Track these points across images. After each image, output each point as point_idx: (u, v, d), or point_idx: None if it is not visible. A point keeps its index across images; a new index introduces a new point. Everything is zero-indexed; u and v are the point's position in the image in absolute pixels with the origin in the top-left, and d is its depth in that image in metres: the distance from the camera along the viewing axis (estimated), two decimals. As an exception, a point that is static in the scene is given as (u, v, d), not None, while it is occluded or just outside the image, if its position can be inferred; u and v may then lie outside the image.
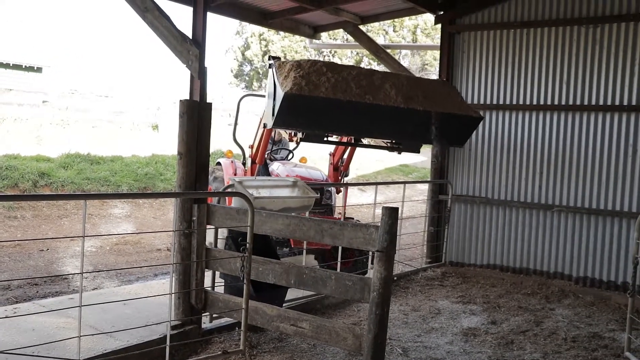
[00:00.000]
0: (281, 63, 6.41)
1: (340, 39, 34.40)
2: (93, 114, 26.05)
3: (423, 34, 37.54)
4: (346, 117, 6.50)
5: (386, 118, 6.64)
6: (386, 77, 6.74)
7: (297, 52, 41.81)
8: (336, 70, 6.36)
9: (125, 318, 6.45)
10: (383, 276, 4.57)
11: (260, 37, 43.59)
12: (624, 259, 8.46)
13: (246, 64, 46.90)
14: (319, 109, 6.21)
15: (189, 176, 5.95)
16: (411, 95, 6.66)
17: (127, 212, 14.74)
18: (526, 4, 9.24)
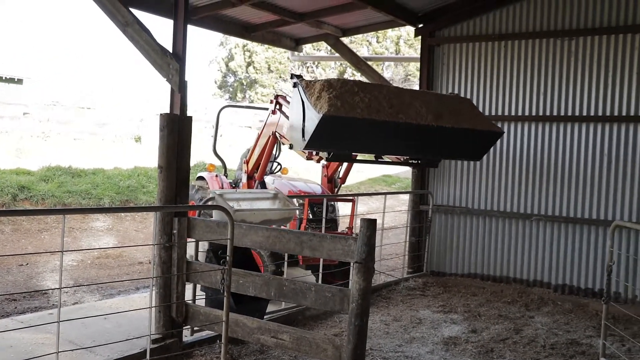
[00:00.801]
0: (308, 82, 6.27)
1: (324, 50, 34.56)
2: (75, 126, 25.91)
3: (406, 44, 37.79)
4: (379, 136, 6.51)
5: (417, 136, 6.70)
6: (415, 95, 6.76)
7: (282, 63, 41.91)
8: (367, 89, 6.32)
9: (105, 332, 6.43)
10: (362, 287, 4.62)
11: (244, 49, 43.62)
12: (600, 266, 8.59)
13: (230, 75, 46.88)
14: (354, 129, 6.18)
15: (170, 190, 5.97)
16: (439, 112, 6.70)
17: (109, 225, 14.66)
18: (503, 17, 9.39)
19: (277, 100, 8.21)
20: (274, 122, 8.13)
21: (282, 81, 41.08)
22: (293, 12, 9.22)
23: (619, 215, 8.55)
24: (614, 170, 8.61)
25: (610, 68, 8.63)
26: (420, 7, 9.84)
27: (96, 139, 25.62)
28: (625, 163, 8.54)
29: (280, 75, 42.14)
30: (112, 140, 26.32)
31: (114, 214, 15.30)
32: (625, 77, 8.53)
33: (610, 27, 8.59)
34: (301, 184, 9.42)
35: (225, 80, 47.33)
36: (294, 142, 6.43)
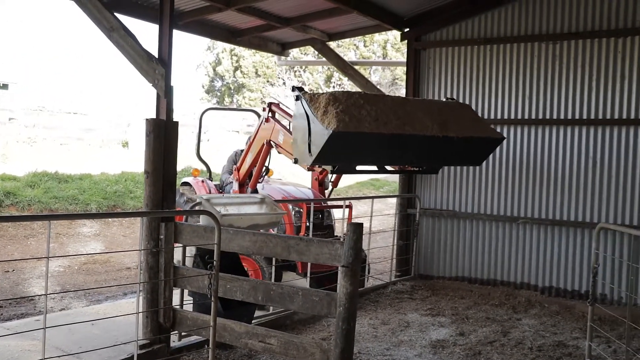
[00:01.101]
0: (312, 96, 6.18)
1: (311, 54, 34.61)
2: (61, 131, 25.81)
3: (393, 48, 37.92)
4: (387, 148, 6.52)
5: (423, 146, 6.73)
6: (418, 105, 6.77)
7: (269, 67, 41.92)
8: (372, 101, 6.29)
9: (92, 338, 6.40)
10: (349, 291, 4.63)
11: (232, 53, 43.59)
12: (586, 268, 8.65)
13: (217, 80, 46.83)
14: (362, 143, 6.17)
15: (156, 195, 5.96)
16: (444, 121, 6.72)
17: (96, 230, 14.60)
18: (488, 21, 9.45)
19: (270, 108, 8.17)
20: (268, 130, 8.07)
21: (269, 85, 41.09)
22: (279, 17, 9.24)
23: (604, 217, 8.62)
24: (599, 173, 8.69)
25: (594, 72, 8.71)
26: (406, 12, 9.88)
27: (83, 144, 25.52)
28: (609, 166, 8.62)
29: (268, 79, 42.15)
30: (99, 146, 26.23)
31: (101, 219, 15.24)
32: (609, 80, 8.61)
33: (594, 31, 8.67)
34: (292, 188, 9.39)
35: (213, 85, 47.28)
36: (300, 157, 6.37)
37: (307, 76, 38.37)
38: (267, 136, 8.06)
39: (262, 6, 8.73)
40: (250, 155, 8.51)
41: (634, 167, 8.46)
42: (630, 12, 8.46)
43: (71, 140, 25.44)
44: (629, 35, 8.46)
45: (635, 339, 6.94)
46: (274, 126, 7.97)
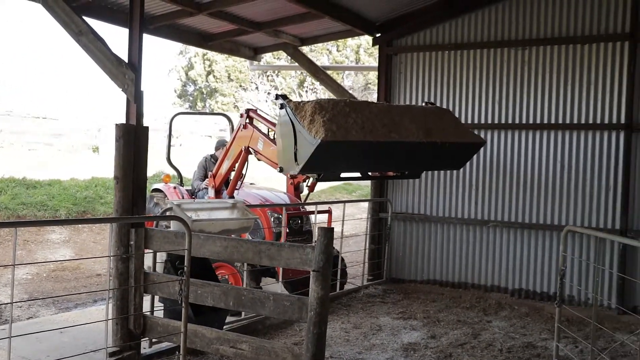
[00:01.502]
0: (297, 104, 6.11)
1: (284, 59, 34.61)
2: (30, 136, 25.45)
3: (366, 53, 38.07)
4: (373, 155, 6.53)
5: (409, 152, 6.76)
6: (403, 112, 6.77)
7: (242, 72, 41.80)
8: (358, 108, 6.27)
9: (61, 347, 6.31)
10: (320, 295, 4.64)
11: (204, 57, 43.38)
12: (554, 270, 8.77)
13: (190, 84, 46.56)
14: (350, 151, 6.18)
15: (126, 200, 5.91)
16: (428, 127, 6.75)
17: (66, 237, 14.40)
18: (459, 27, 9.56)
19: (248, 114, 8.13)
20: (246, 136, 8.01)
21: (242, 90, 40.97)
22: (251, 22, 9.23)
23: (571, 220, 8.76)
24: (567, 177, 8.83)
25: (562, 77, 8.86)
26: (377, 17, 9.95)
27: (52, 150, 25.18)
28: (577, 169, 8.76)
29: (241, 84, 42.03)
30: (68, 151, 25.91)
31: (71, 225, 15.03)
32: (576, 86, 8.77)
33: (561, 37, 8.82)
34: (268, 193, 9.35)
35: (185, 89, 46.98)
36: (285, 166, 6.31)
37: (279, 81, 38.33)
38: (245, 143, 8.00)
39: (234, 11, 8.72)
40: (227, 162, 8.43)
41: (600, 171, 8.62)
42: (595, 20, 8.63)
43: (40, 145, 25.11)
44: (595, 42, 8.63)
45: (601, 339, 7.06)
46: (252, 133, 7.92)
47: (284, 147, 6.16)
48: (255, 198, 8.93)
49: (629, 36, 8.38)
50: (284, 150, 6.19)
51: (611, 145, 8.57)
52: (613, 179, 8.55)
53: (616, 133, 8.53)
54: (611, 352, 6.57)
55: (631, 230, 8.39)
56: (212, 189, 8.74)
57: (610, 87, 8.57)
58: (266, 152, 7.61)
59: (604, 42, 8.59)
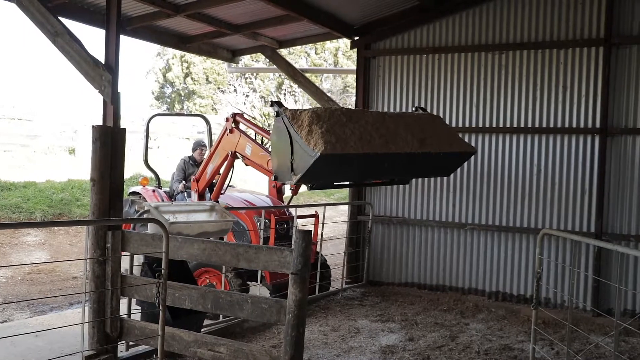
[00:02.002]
0: (293, 113, 5.99)
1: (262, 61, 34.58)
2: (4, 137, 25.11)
3: (344, 56, 38.13)
4: (370, 166, 6.51)
5: (403, 162, 6.74)
6: (397, 121, 6.71)
7: (220, 74, 41.65)
8: (354, 118, 6.20)
9: (36, 350, 6.25)
10: (298, 298, 4.64)
11: (182, 59, 43.16)
12: (531, 273, 8.86)
13: (168, 86, 46.28)
14: (347, 163, 6.13)
15: (103, 203, 5.87)
16: (423, 137, 6.72)
17: (41, 239, 14.23)
18: (437, 31, 9.62)
19: (234, 118, 8.09)
20: (233, 141, 7.96)
21: (220, 92, 40.83)
22: (229, 24, 9.21)
23: (548, 223, 8.85)
24: (543, 180, 8.92)
25: (538, 81, 8.96)
26: (355, 20, 9.98)
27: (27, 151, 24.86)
28: (553, 173, 8.86)
29: (219, 86, 41.88)
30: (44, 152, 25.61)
31: (47, 228, 14.86)
32: (552, 90, 8.87)
33: (538, 42, 8.92)
34: (250, 196, 9.31)
35: (163, 91, 46.69)
36: (280, 175, 6.23)
37: (258, 83, 38.23)
38: (231, 147, 7.94)
39: (212, 13, 8.69)
40: (212, 166, 8.36)
41: (576, 174, 8.72)
42: (571, 25, 8.74)
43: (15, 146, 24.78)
44: (570, 47, 8.74)
45: (576, 340, 7.14)
46: (239, 138, 7.87)
47: (280, 156, 6.05)
48: (237, 201, 8.90)
49: (603, 41, 8.50)
50: (279, 159, 6.08)
51: (586, 149, 8.68)
52: (588, 182, 8.66)
53: (591, 137, 8.64)
54: (586, 354, 6.64)
55: (606, 233, 8.50)
56: (196, 193, 8.67)
57: (586, 91, 8.68)
58: (255, 158, 7.56)
59: (580, 47, 8.70)
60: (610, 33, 8.45)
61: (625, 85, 8.46)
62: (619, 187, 8.52)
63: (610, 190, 8.55)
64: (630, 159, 8.44)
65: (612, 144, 8.53)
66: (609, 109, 8.50)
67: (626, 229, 8.47)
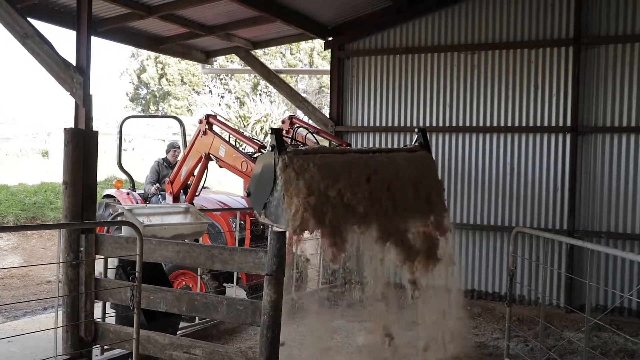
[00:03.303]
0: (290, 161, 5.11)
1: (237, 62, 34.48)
2: (-24, 141, 24.71)
3: (320, 56, 38.15)
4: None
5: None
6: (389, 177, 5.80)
7: (195, 75, 41.41)
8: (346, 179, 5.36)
9: (9, 356, 6.18)
10: (273, 299, 4.64)
11: (157, 60, 42.81)
12: (505, 271, 8.92)
13: (142, 87, 45.90)
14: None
15: (75, 206, 5.81)
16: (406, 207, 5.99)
17: (14, 243, 14.05)
18: (410, 31, 9.68)
19: (207, 120, 8.03)
20: (206, 143, 7.89)
21: (195, 94, 40.62)
22: (202, 25, 9.17)
23: (521, 221, 8.94)
24: (516, 179, 9.01)
25: (509, 81, 9.05)
26: (329, 21, 10.00)
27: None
28: (526, 171, 8.96)
29: (194, 87, 41.66)
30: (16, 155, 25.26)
31: (20, 232, 14.68)
32: (524, 89, 8.96)
33: (509, 42, 9.02)
34: (225, 197, 9.27)
35: (138, 93, 46.30)
36: (253, 201, 5.51)
37: (233, 84, 38.14)
38: (205, 149, 7.87)
39: (185, 14, 8.64)
40: (186, 168, 8.29)
41: (548, 173, 8.83)
42: (541, 25, 8.84)
43: (-14, 150, 24.43)
44: (541, 47, 8.84)
45: (550, 337, 7.23)
46: (213, 140, 7.80)
47: (258, 183, 5.46)
48: (212, 203, 8.87)
49: (573, 41, 8.61)
50: (257, 185, 5.47)
51: (558, 147, 8.79)
52: (560, 180, 8.77)
53: (562, 136, 8.76)
54: (559, 349, 6.73)
55: (578, 231, 8.61)
56: (170, 196, 8.61)
57: (557, 90, 8.79)
58: (229, 159, 7.52)
59: (550, 46, 8.81)
60: (580, 33, 8.57)
61: (595, 85, 8.58)
62: (590, 185, 8.64)
63: (581, 188, 8.66)
64: (601, 157, 8.56)
65: (582, 143, 8.65)
66: (579, 108, 8.62)
67: (597, 225, 8.59)
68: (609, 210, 8.52)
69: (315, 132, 8.21)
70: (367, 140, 9.98)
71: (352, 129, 10.04)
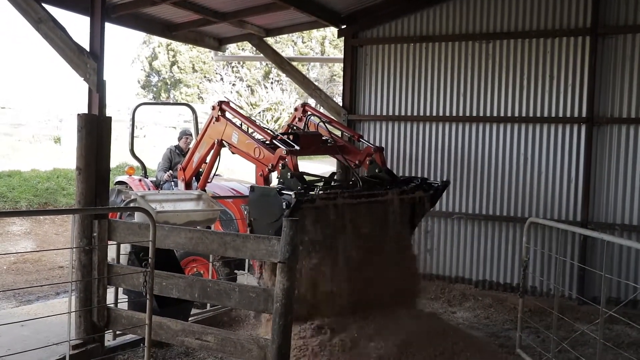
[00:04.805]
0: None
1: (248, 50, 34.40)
2: (-12, 126, 24.86)
3: (331, 45, 38.04)
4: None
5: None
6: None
7: (205, 62, 41.43)
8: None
9: (22, 340, 6.21)
10: (286, 287, 4.62)
11: (168, 48, 42.86)
12: (517, 261, 8.90)
13: (154, 75, 45.96)
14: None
15: (89, 191, 5.82)
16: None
17: (27, 228, 14.14)
18: (424, 20, 9.61)
19: (220, 106, 7.99)
20: (219, 129, 7.85)
21: (207, 81, 40.62)
22: (215, 12, 9.13)
23: (534, 212, 8.89)
24: (530, 169, 8.95)
25: (525, 71, 8.97)
26: (343, 8, 9.93)
27: (12, 140, 24.62)
28: (539, 162, 8.89)
29: (205, 75, 41.66)
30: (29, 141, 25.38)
31: (32, 217, 14.76)
32: (539, 79, 8.88)
33: (525, 31, 8.93)
34: (237, 185, 9.25)
35: (149, 80, 46.39)
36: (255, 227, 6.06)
37: (244, 72, 38.10)
38: (218, 135, 7.81)
39: (198, 0, 8.61)
40: (198, 155, 8.25)
41: (562, 164, 8.76)
42: (558, 14, 8.75)
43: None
44: (557, 37, 8.75)
45: (562, 328, 7.19)
46: (225, 126, 7.75)
47: (262, 215, 5.96)
48: (224, 190, 8.86)
49: (590, 31, 8.52)
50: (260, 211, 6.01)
51: (573, 138, 8.71)
52: (574, 172, 8.70)
53: (577, 126, 8.68)
54: (572, 341, 6.69)
55: (591, 223, 8.55)
56: (182, 182, 8.59)
57: (572, 81, 8.70)
58: (241, 146, 7.47)
59: (567, 36, 8.71)
60: (597, 23, 8.47)
61: (611, 75, 8.49)
62: (604, 177, 8.57)
63: (596, 179, 8.59)
64: (616, 149, 8.48)
65: (598, 134, 8.57)
66: (595, 99, 8.53)
67: (611, 217, 8.53)
68: (624, 202, 8.46)
69: (327, 121, 8.15)
70: (380, 130, 9.93)
71: (364, 117, 10.00)
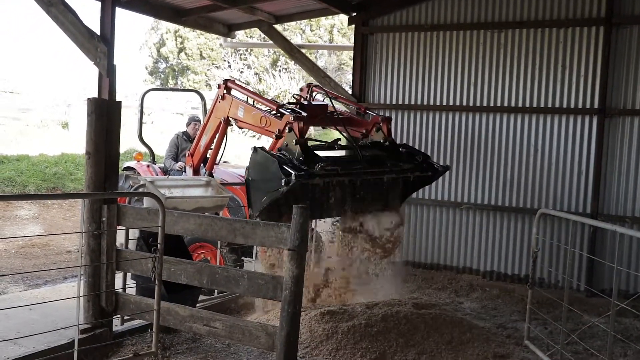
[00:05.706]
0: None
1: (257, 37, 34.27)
2: (-4, 110, 24.90)
3: (340, 33, 37.81)
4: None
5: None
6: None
7: (213, 49, 41.31)
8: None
9: (31, 324, 6.21)
10: (295, 274, 4.60)
11: (176, 34, 42.70)
12: (526, 253, 8.87)
13: (161, 61, 45.84)
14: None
15: (98, 176, 5.81)
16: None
17: (35, 213, 14.17)
18: (435, 8, 9.53)
19: (226, 84, 7.90)
20: (225, 107, 7.75)
21: (214, 68, 40.52)
22: (226, -3, 9.07)
23: (544, 203, 8.84)
24: (540, 160, 8.90)
25: (537, 61, 8.89)
26: (354, -4, 9.87)
27: (20, 125, 24.65)
28: (550, 153, 8.84)
29: (213, 62, 41.54)
30: (37, 126, 25.40)
31: (40, 201, 14.79)
32: (552, 69, 8.81)
33: (537, 20, 8.85)
34: (244, 171, 9.19)
35: (157, 66, 46.26)
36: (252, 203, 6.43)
37: (252, 59, 37.97)
38: (224, 114, 7.69)
39: (209, -14, 8.56)
40: (205, 138, 8.16)
41: (573, 155, 8.71)
42: (571, 4, 8.66)
43: (7, 120, 24.55)
44: (570, 27, 8.67)
45: (570, 320, 7.15)
46: (231, 102, 7.66)
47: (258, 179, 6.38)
48: (232, 177, 8.82)
49: (604, 21, 8.43)
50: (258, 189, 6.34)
51: (584, 129, 8.65)
52: (585, 163, 8.64)
53: (589, 118, 8.61)
54: (580, 333, 6.66)
55: (601, 215, 8.51)
56: (191, 168, 8.54)
57: (585, 71, 8.63)
58: (247, 118, 7.39)
59: (580, 26, 8.63)
60: (612, 13, 8.38)
61: (625, 66, 8.41)
62: (615, 169, 8.51)
63: (607, 171, 8.54)
64: (628, 140, 8.42)
65: (610, 125, 8.51)
66: (607, 90, 8.46)
67: (622, 210, 8.48)
68: (635, 194, 8.40)
69: (333, 97, 8.07)
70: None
71: (374, 106, 9.94)
